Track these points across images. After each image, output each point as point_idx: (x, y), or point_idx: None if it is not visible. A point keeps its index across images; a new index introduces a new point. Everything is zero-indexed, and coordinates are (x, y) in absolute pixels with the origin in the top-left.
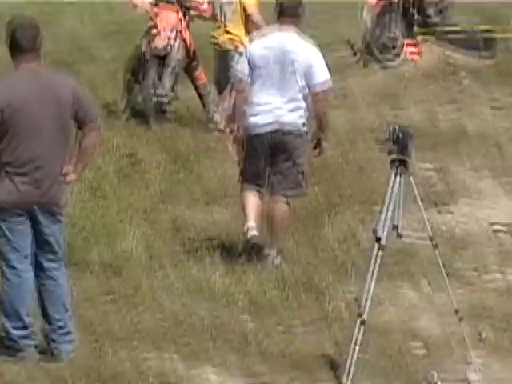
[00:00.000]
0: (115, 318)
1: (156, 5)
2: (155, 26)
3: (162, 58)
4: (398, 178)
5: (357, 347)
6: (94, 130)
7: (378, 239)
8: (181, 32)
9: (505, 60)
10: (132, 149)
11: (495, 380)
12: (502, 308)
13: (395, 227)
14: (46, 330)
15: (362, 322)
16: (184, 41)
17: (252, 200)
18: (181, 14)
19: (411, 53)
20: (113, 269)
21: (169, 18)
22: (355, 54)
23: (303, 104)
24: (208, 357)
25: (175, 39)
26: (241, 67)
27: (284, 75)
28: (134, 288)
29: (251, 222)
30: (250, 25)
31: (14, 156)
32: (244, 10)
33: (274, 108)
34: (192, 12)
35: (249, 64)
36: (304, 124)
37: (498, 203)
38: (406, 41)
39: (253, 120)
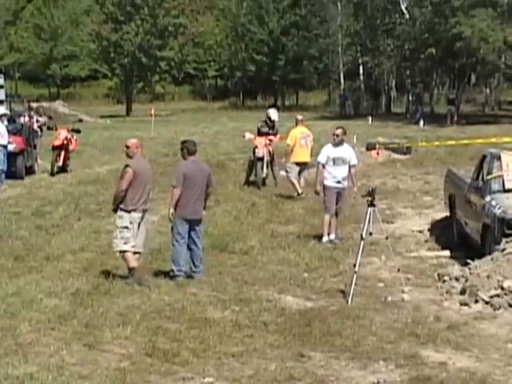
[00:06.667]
0: None
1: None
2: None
3: (261, 159)
4: (370, 209)
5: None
6: (212, 188)
7: (361, 236)
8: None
9: (415, 156)
10: (249, 199)
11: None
12: (418, 266)
13: (371, 233)
14: (190, 268)
15: None
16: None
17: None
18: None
19: (374, 153)
20: None
21: (262, 141)
22: None
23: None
24: None
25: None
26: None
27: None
28: None
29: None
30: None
31: (184, 199)
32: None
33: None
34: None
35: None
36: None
37: (414, 220)
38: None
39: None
